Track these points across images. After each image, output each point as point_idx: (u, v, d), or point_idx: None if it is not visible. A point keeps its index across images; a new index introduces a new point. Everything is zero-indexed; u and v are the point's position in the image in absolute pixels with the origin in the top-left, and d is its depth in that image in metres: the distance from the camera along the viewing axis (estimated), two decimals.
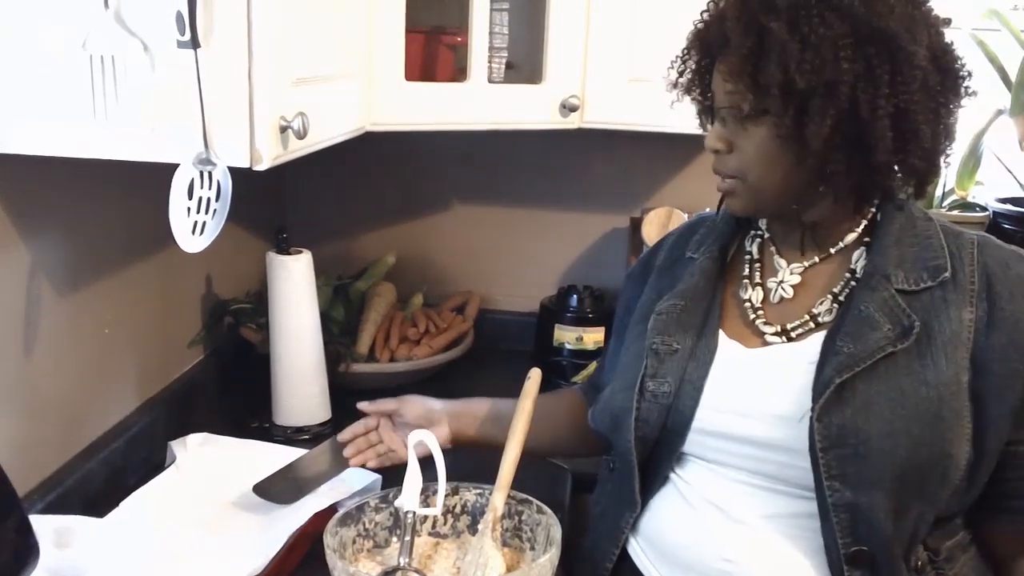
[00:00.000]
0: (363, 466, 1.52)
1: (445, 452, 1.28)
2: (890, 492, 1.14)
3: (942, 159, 1.21)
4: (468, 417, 1.53)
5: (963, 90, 1.20)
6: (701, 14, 1.26)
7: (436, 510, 1.28)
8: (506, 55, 1.93)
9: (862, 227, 1.26)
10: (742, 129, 1.20)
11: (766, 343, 1.26)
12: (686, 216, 2.07)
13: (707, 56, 1.25)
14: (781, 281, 1.29)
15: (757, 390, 1.23)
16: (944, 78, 1.18)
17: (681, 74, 1.29)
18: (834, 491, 1.15)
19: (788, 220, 1.27)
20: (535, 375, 1.45)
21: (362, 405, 1.53)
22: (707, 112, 1.29)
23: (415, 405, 1.53)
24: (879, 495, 1.14)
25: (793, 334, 1.25)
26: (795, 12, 1.12)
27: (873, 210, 1.26)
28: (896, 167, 1.19)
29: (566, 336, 2.22)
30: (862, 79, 1.12)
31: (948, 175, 2.16)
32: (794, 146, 1.16)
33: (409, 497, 1.26)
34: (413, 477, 1.27)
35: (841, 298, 1.24)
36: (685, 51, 1.28)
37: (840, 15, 1.12)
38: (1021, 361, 1.16)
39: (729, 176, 1.24)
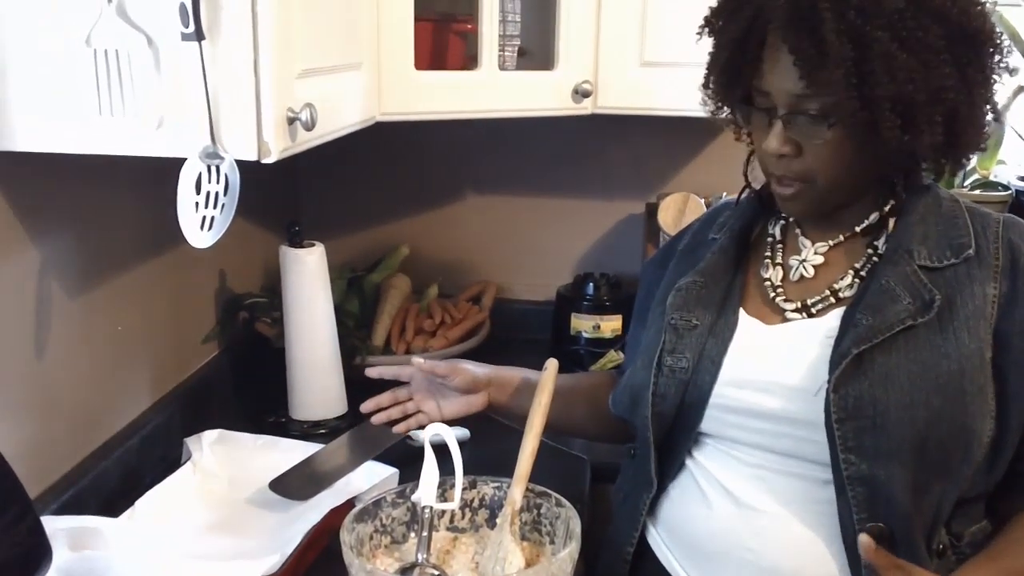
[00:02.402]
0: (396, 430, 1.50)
1: (461, 445, 1.26)
2: (909, 465, 1.13)
3: None
4: (504, 385, 1.50)
5: (1005, 65, 1.18)
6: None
7: (454, 504, 1.26)
8: (518, 42, 1.91)
9: (889, 207, 1.24)
10: (812, 132, 1.15)
11: (786, 320, 1.25)
12: (702, 201, 2.05)
13: (751, 52, 1.17)
14: (804, 260, 1.28)
15: (775, 364, 1.22)
16: (999, 61, 1.17)
17: (722, 75, 1.23)
18: (850, 464, 1.14)
19: None
20: (552, 366, 1.43)
21: (416, 360, 1.48)
22: (747, 112, 1.23)
23: (465, 375, 1.47)
24: (897, 468, 1.12)
25: (813, 310, 1.24)
26: (896, 18, 1.08)
27: (899, 190, 1.24)
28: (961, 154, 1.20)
29: (583, 325, 2.21)
30: (960, 82, 1.11)
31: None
32: (876, 146, 1.13)
33: (426, 492, 1.24)
34: (430, 471, 1.25)
35: (863, 273, 1.23)
36: (721, 50, 1.22)
37: (936, 18, 1.09)
38: None
39: (797, 180, 1.20)
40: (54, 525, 1.18)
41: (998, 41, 1.16)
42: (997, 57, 1.16)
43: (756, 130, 1.23)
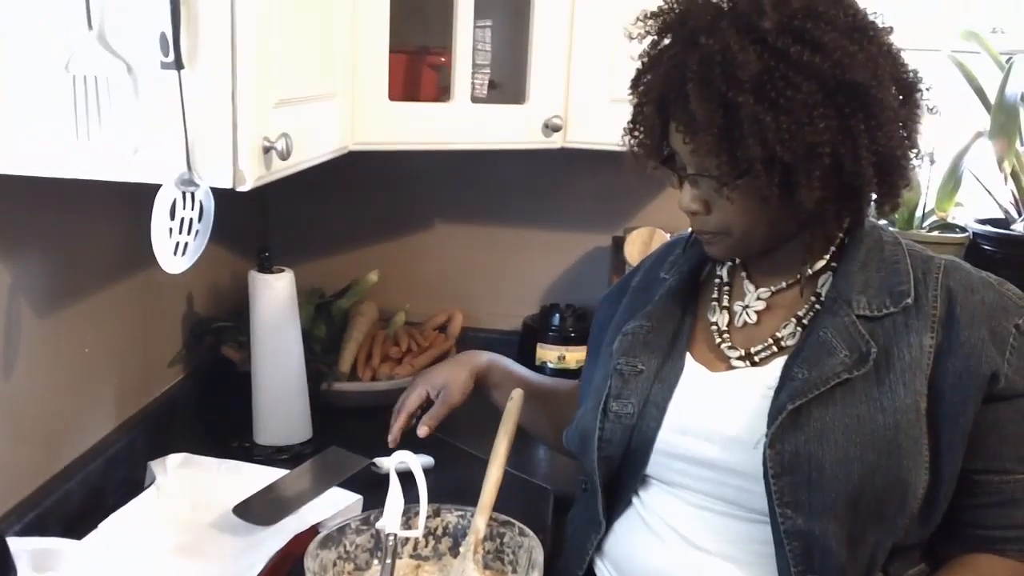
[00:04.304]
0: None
1: (426, 472, 1.27)
2: (844, 520, 1.13)
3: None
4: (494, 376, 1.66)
5: (925, 104, 1.19)
6: (643, 62, 1.22)
7: (418, 532, 1.27)
8: (488, 72, 1.93)
9: (830, 252, 1.25)
10: (717, 191, 1.17)
11: (731, 367, 1.26)
12: (668, 236, 2.08)
13: (662, 111, 1.19)
14: (746, 306, 1.29)
15: (717, 413, 1.23)
16: (910, 104, 1.17)
17: (641, 134, 1.24)
18: (786, 518, 1.14)
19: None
20: (517, 396, 1.45)
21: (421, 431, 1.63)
22: (665, 167, 1.25)
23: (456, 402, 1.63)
24: (832, 523, 1.13)
25: (756, 358, 1.25)
26: (761, 80, 1.08)
27: (841, 235, 1.25)
28: (879, 197, 1.19)
29: (548, 355, 2.23)
30: (840, 134, 1.10)
31: (928, 196, 2.18)
32: (780, 202, 1.14)
33: (390, 519, 1.25)
34: (394, 499, 1.26)
35: (805, 322, 1.24)
36: (638, 109, 1.24)
37: (806, 75, 1.08)
38: (971, 388, 1.15)
39: (711, 233, 1.23)
40: (17, 546, 1.18)
41: (910, 81, 1.17)
42: (910, 104, 1.16)
43: (675, 185, 1.26)
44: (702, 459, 1.23)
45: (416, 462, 1.27)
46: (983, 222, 2.15)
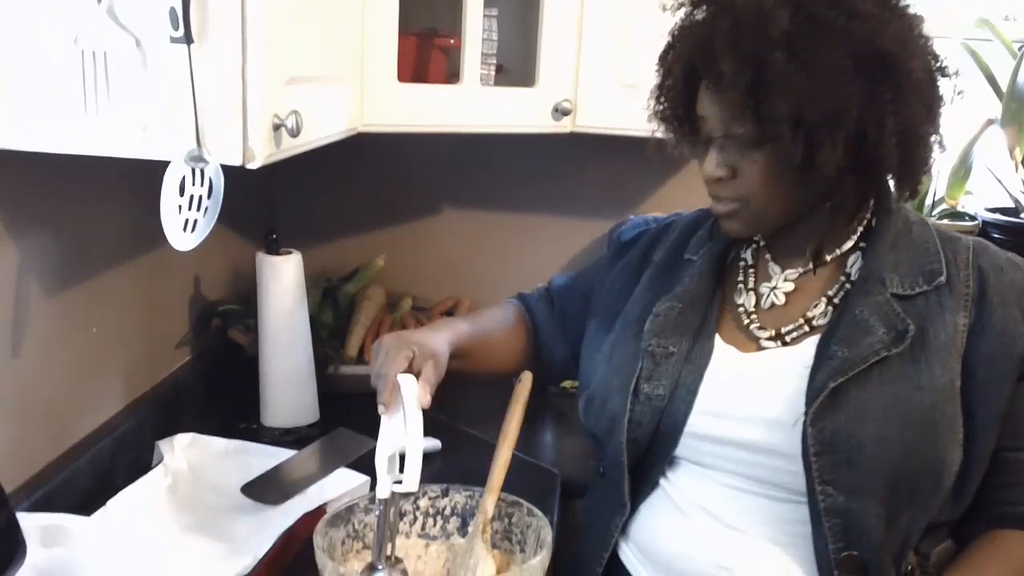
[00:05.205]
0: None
1: (434, 456, 1.25)
2: (883, 498, 1.14)
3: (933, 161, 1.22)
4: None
5: (952, 90, 1.20)
6: (673, 35, 1.24)
7: (413, 486, 1.16)
8: (494, 60, 1.93)
9: (858, 233, 1.26)
10: (744, 155, 1.18)
11: (761, 348, 1.26)
12: None
13: (690, 81, 1.22)
14: (774, 287, 1.29)
15: (751, 395, 1.23)
16: (936, 86, 1.19)
17: (666, 104, 1.26)
18: (827, 496, 1.15)
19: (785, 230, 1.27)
20: (526, 378, 1.44)
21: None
22: (690, 139, 1.26)
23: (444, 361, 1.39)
24: (871, 501, 1.14)
25: (788, 338, 1.25)
26: (792, 39, 1.10)
27: (868, 215, 1.26)
28: (899, 177, 1.20)
29: None
30: (867, 100, 1.11)
31: (938, 184, 2.17)
32: (801, 169, 1.15)
33: (382, 484, 1.19)
34: (383, 451, 1.20)
35: (836, 301, 1.24)
36: (665, 78, 1.25)
37: (837, 38, 1.10)
38: (1007, 367, 1.17)
39: (731, 201, 1.23)
40: (26, 522, 1.18)
41: (938, 65, 1.18)
42: (936, 86, 1.18)
43: (699, 156, 1.25)
44: (736, 441, 1.23)
45: (409, 387, 1.21)
46: (993, 210, 2.15)
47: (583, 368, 1.43)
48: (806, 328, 1.24)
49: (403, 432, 1.17)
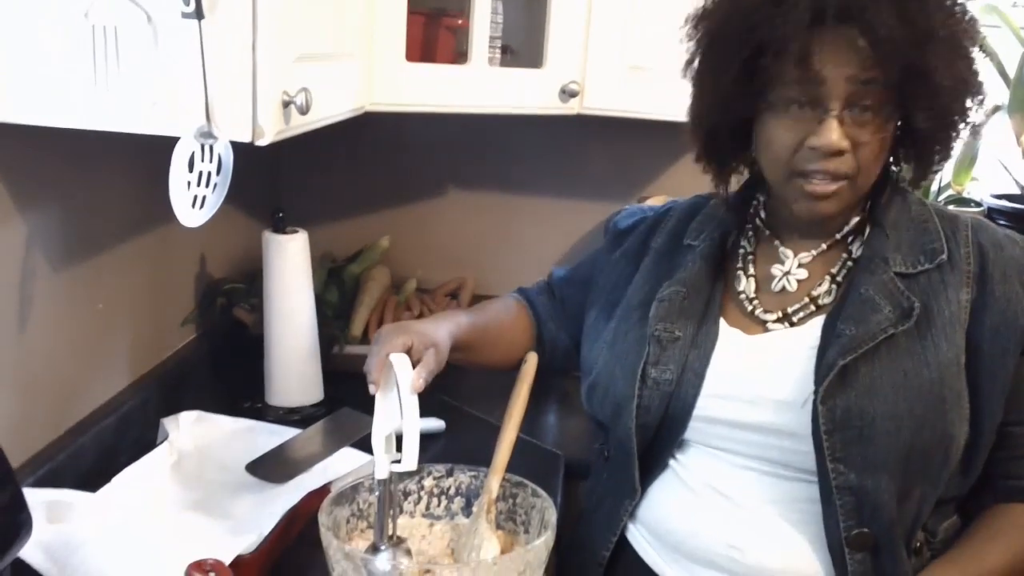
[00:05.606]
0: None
1: (437, 436, 1.25)
2: (895, 474, 1.15)
3: None
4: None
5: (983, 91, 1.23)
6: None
7: (410, 465, 1.14)
8: (500, 41, 1.92)
9: (865, 211, 1.27)
10: (863, 126, 1.16)
11: (767, 330, 1.26)
12: None
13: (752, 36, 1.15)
14: (787, 272, 1.28)
15: (759, 376, 1.23)
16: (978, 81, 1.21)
17: (717, 61, 1.21)
18: (839, 474, 1.15)
19: None
20: (531, 359, 1.44)
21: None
22: (783, 105, 1.18)
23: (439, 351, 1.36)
24: (884, 477, 1.15)
25: (794, 318, 1.25)
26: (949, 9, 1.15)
27: (868, 198, 1.27)
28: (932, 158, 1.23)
29: None
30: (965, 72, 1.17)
31: (944, 171, 2.17)
32: (895, 141, 1.19)
33: (380, 465, 1.19)
34: (377, 437, 1.20)
35: (839, 279, 1.25)
36: (711, 40, 1.22)
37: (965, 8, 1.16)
38: (1011, 341, 1.18)
39: (838, 179, 1.18)
40: (32, 498, 1.18)
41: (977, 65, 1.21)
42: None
43: (795, 128, 1.17)
44: (746, 423, 1.23)
45: (402, 364, 1.19)
46: (999, 197, 2.15)
47: (584, 356, 1.43)
48: (812, 308, 1.25)
49: (398, 411, 1.16)
